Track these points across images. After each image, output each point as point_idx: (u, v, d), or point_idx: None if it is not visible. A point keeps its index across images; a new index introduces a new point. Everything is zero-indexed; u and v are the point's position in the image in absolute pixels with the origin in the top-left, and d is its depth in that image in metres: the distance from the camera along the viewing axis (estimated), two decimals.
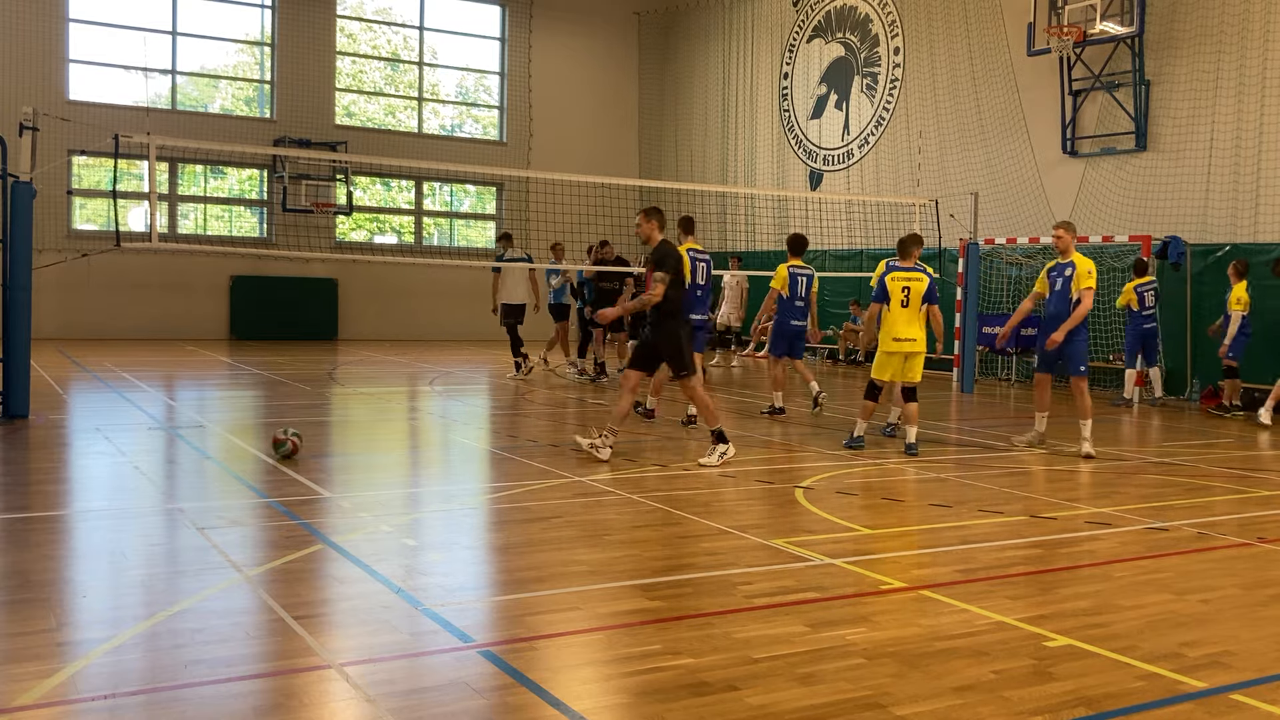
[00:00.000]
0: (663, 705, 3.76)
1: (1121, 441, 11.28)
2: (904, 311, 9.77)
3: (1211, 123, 15.32)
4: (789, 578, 5.45)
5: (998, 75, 18.32)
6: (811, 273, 12.53)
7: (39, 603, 4.74)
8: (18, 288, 10.22)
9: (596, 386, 14.68)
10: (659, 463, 8.84)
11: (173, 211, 22.70)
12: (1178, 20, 15.71)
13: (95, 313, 21.20)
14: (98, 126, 15.21)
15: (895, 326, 9.82)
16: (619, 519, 6.74)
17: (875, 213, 20.13)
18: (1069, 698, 3.93)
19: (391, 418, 12.03)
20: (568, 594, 5.09)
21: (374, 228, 25.48)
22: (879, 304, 9.91)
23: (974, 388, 16.19)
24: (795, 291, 12.31)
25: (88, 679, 3.86)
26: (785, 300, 12.35)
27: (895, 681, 4.05)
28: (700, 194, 23.64)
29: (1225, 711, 3.88)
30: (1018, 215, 17.81)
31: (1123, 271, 16.00)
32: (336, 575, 5.35)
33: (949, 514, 7.17)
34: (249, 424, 11.06)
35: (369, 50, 25.24)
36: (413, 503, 7.42)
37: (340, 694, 3.84)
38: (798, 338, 12.51)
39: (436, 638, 4.45)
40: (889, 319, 9.83)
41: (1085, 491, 8.18)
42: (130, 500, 7.09)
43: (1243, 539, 6.66)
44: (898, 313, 9.79)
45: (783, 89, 23.41)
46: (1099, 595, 5.34)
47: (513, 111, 25.87)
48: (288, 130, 23.07)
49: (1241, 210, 14.97)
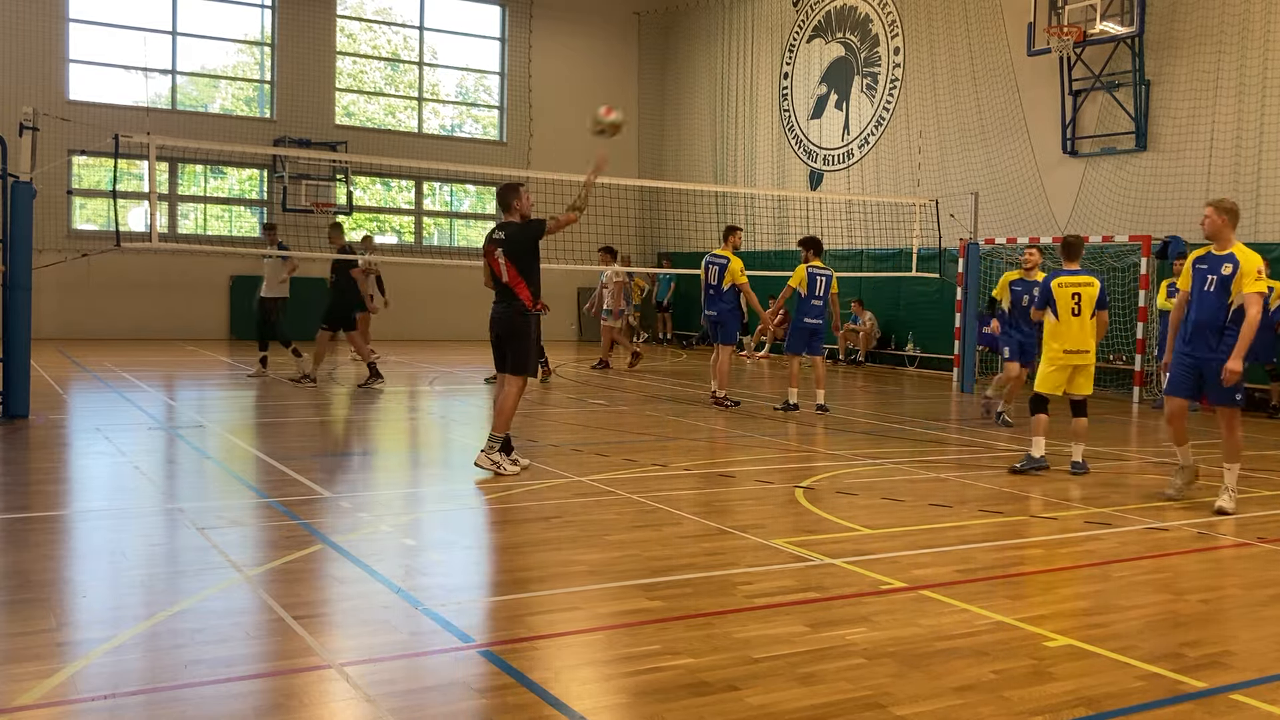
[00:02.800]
0: (663, 705, 3.76)
1: (1122, 441, 11.28)
2: (1075, 320, 8.90)
3: (1211, 123, 15.32)
4: (789, 578, 5.45)
5: (998, 75, 18.32)
6: (830, 273, 12.89)
7: (39, 603, 4.74)
8: (18, 288, 10.22)
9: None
10: (659, 463, 8.84)
11: (173, 211, 22.70)
12: (1178, 20, 15.71)
13: (95, 313, 21.19)
14: (98, 126, 15.21)
15: (1066, 337, 8.91)
16: (619, 519, 6.74)
17: (875, 213, 20.13)
18: (1069, 698, 3.93)
19: (391, 418, 12.03)
20: (568, 594, 5.09)
21: (374, 228, 25.47)
22: (1043, 311, 9.03)
23: (974, 388, 16.18)
24: (813, 290, 12.65)
25: (88, 679, 3.86)
26: (803, 299, 12.68)
27: (895, 681, 4.05)
28: (700, 194, 23.64)
29: (1225, 711, 3.88)
30: (1018, 215, 17.80)
31: (1123, 271, 16.01)
32: (336, 575, 5.35)
33: (949, 514, 7.17)
34: (249, 424, 11.07)
35: (369, 50, 25.24)
36: (413, 503, 7.42)
37: (340, 694, 3.84)
38: (814, 335, 12.78)
39: (436, 638, 4.45)
40: (1057, 329, 8.93)
41: (1085, 491, 8.18)
42: (130, 500, 7.09)
43: (1243, 539, 6.66)
44: (1068, 321, 8.90)
45: (783, 89, 23.41)
46: (1099, 595, 5.34)
47: (513, 111, 25.87)
48: (288, 130, 23.06)
49: (1241, 210, 14.94)
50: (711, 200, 24.33)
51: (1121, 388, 15.91)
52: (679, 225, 23.81)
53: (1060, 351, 8.93)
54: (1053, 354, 8.98)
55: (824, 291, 12.66)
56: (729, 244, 13.08)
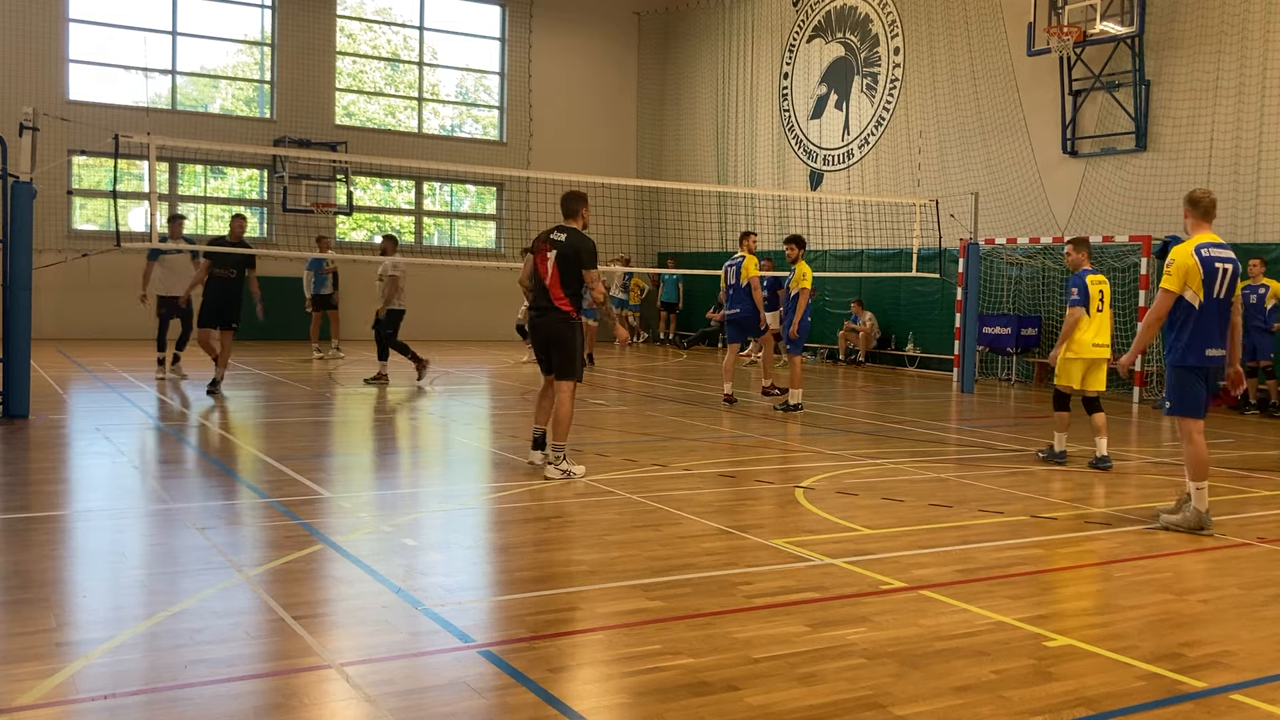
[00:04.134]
0: (663, 705, 3.76)
1: (1122, 441, 11.28)
2: (1099, 315, 9.27)
3: (1211, 123, 15.32)
4: (789, 578, 5.45)
5: (998, 75, 18.32)
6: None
7: (39, 603, 4.74)
8: (18, 288, 10.22)
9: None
10: (659, 463, 8.84)
11: (173, 211, 22.68)
12: (1178, 20, 15.70)
13: (95, 313, 21.18)
14: (98, 126, 15.21)
15: (1094, 331, 9.25)
16: (619, 519, 6.74)
17: (875, 213, 20.13)
18: (1069, 698, 3.93)
19: (391, 418, 12.03)
20: (568, 594, 5.09)
21: (374, 228, 25.47)
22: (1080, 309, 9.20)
23: (974, 388, 16.18)
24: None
25: (88, 679, 3.86)
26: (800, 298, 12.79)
27: (895, 681, 4.05)
28: (700, 194, 23.64)
29: (1225, 711, 3.87)
30: (1018, 215, 17.81)
31: (1123, 271, 16.01)
32: (336, 575, 5.35)
33: (949, 514, 7.17)
34: (249, 424, 11.07)
35: (369, 50, 25.23)
36: (413, 503, 7.42)
37: (340, 694, 3.84)
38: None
39: (436, 638, 4.45)
40: (1088, 324, 9.22)
41: (1085, 491, 8.18)
42: (130, 500, 7.09)
43: (1243, 539, 6.66)
44: (1096, 317, 9.25)
45: (783, 89, 23.41)
46: (1099, 595, 5.34)
47: (513, 111, 25.87)
48: (288, 130, 23.06)
49: (1241, 210, 14.96)
50: (712, 200, 24.33)
51: (1122, 388, 15.92)
52: (679, 225, 23.80)
53: (1090, 345, 9.26)
54: (1081, 347, 9.24)
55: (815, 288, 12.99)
56: (745, 246, 13.31)
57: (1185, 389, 6.87)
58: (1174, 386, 6.91)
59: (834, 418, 12.25)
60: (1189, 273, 6.74)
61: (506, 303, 25.36)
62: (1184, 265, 6.74)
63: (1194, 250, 6.77)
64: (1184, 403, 6.88)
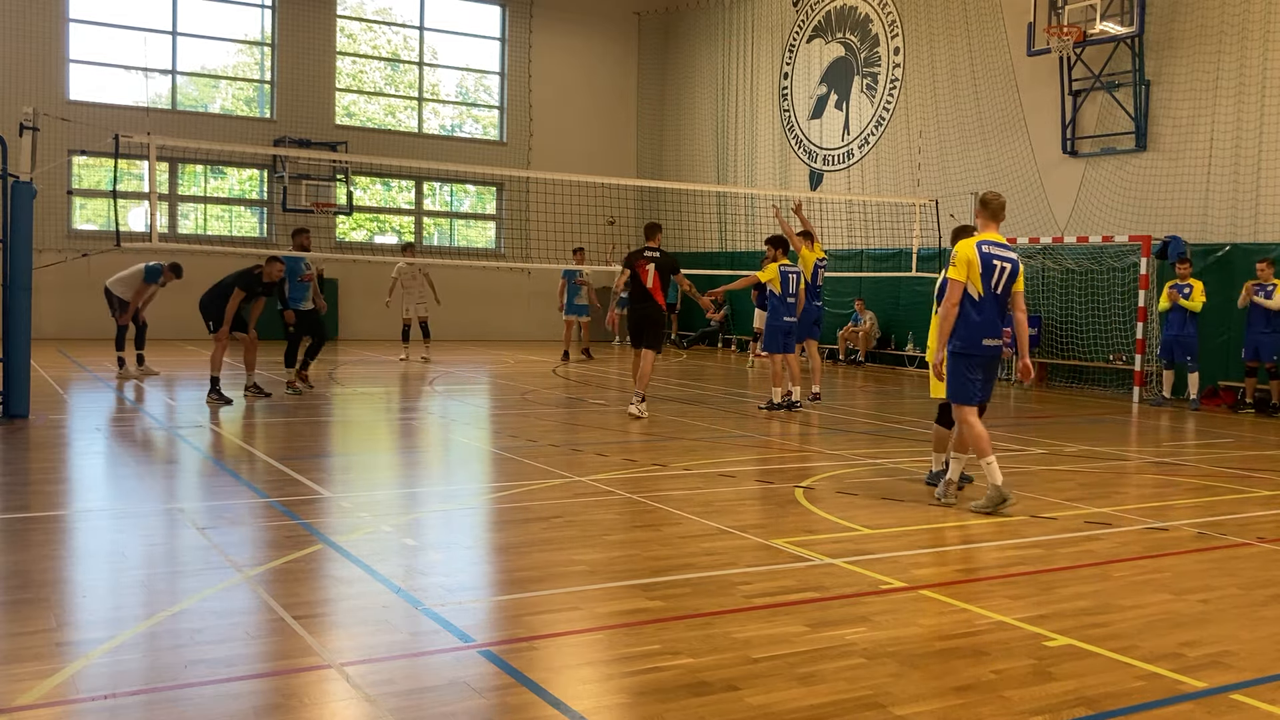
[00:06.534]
0: (663, 705, 3.76)
1: (1122, 441, 11.28)
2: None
3: (1211, 123, 15.32)
4: (789, 578, 5.45)
5: (998, 75, 18.31)
6: (800, 270, 13.03)
7: (39, 603, 4.74)
8: (18, 288, 10.21)
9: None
10: (659, 463, 8.84)
11: (173, 211, 22.69)
12: (1178, 20, 15.70)
13: (95, 313, 21.11)
14: (98, 126, 15.21)
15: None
16: (619, 519, 6.74)
17: (875, 213, 20.12)
18: (1069, 698, 3.93)
19: (392, 418, 12.03)
20: (568, 594, 5.09)
21: (374, 228, 25.48)
22: None
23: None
24: (786, 289, 12.63)
25: (88, 679, 3.86)
26: (777, 298, 12.64)
27: (895, 681, 4.04)
28: (700, 194, 23.64)
29: (1225, 711, 3.87)
30: (1018, 215, 17.77)
31: (1123, 271, 16.01)
32: (336, 575, 5.35)
33: (949, 514, 7.17)
34: (249, 424, 11.06)
35: (369, 50, 25.24)
36: (413, 503, 7.42)
37: (340, 694, 3.84)
38: (790, 334, 12.76)
39: (436, 638, 4.45)
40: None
41: (1085, 491, 8.18)
42: (130, 500, 7.09)
43: (1243, 539, 6.66)
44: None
45: (783, 89, 23.40)
46: (1099, 595, 5.33)
47: (513, 111, 25.86)
48: (288, 130, 23.05)
49: (1241, 210, 14.96)
50: (712, 200, 24.33)
51: (1121, 388, 15.92)
52: (679, 225, 23.79)
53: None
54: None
55: (795, 289, 12.71)
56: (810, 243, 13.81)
57: (961, 376, 7.23)
58: (951, 372, 7.27)
59: (834, 418, 12.25)
60: (970, 265, 7.17)
61: (507, 303, 25.40)
62: (965, 258, 7.20)
63: (976, 245, 7.25)
64: (959, 389, 7.24)
